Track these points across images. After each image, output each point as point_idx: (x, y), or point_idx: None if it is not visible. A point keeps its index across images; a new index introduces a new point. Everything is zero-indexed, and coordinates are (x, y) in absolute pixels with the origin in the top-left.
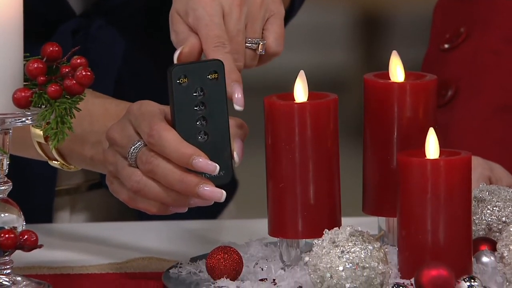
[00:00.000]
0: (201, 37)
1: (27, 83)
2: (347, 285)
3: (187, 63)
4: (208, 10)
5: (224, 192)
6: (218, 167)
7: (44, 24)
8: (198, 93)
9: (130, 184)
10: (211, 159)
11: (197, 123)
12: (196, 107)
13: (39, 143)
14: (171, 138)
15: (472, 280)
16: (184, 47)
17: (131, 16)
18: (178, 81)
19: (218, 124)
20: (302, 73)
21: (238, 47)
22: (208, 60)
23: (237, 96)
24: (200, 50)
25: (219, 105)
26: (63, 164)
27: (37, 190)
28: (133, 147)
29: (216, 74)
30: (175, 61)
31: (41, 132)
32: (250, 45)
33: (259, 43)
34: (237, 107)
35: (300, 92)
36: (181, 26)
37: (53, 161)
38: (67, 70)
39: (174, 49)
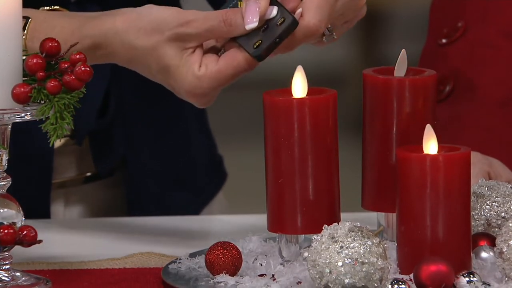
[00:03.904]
0: None
1: (26, 78)
2: (346, 280)
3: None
4: None
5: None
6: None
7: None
8: None
9: None
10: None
11: None
12: None
13: None
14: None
15: (471, 276)
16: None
17: (125, 5)
18: None
19: None
20: (300, 68)
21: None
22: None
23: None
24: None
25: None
26: None
27: (33, 184)
28: None
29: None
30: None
31: None
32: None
33: (332, 34)
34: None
35: (299, 87)
36: None
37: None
38: (66, 65)
39: None
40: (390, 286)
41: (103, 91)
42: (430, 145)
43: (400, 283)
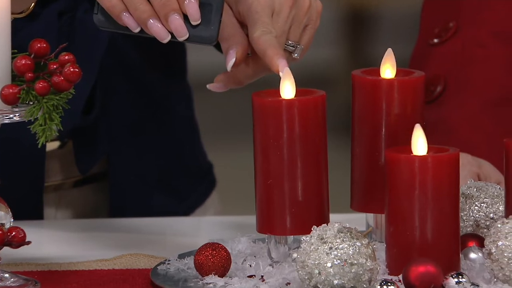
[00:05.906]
0: (249, 22)
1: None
2: (335, 281)
3: None
4: (261, 2)
5: (168, 35)
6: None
7: None
8: None
9: None
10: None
11: None
12: None
13: None
14: None
15: (460, 277)
16: (237, 52)
17: None
18: None
19: None
20: (287, 70)
21: None
22: None
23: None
24: (248, 50)
25: None
26: None
27: (25, 187)
28: None
29: None
30: (228, 69)
31: None
32: (287, 47)
33: (297, 47)
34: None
35: (288, 88)
36: (228, 18)
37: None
38: (55, 66)
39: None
40: (379, 287)
41: (90, 87)
42: (419, 144)
43: (389, 284)
